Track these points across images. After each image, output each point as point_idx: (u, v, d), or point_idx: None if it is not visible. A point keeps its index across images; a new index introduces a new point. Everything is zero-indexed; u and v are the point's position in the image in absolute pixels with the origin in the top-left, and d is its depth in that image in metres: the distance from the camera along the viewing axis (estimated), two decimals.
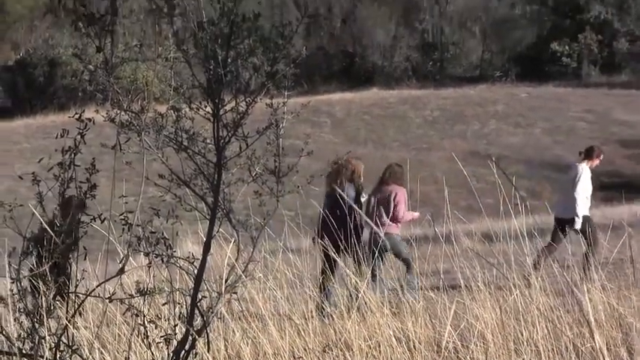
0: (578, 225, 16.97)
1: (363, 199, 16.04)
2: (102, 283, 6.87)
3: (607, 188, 39.34)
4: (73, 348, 6.51)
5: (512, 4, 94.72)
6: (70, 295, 6.62)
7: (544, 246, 16.57)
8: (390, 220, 15.99)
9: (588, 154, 17.64)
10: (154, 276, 7.19)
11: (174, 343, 6.45)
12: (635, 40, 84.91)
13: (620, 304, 9.52)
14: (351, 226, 14.61)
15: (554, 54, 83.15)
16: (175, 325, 6.63)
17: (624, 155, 56.19)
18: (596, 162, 17.73)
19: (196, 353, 6.51)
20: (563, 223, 17.38)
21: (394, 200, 16.02)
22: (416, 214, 16.48)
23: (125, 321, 7.35)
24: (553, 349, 8.27)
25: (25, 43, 75.58)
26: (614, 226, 16.91)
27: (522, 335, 8.50)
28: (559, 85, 77.50)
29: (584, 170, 17.39)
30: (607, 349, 8.18)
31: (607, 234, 14.77)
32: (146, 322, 6.65)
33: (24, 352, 6.29)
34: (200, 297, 6.51)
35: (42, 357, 6.18)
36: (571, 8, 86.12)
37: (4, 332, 6.55)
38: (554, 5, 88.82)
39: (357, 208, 15.07)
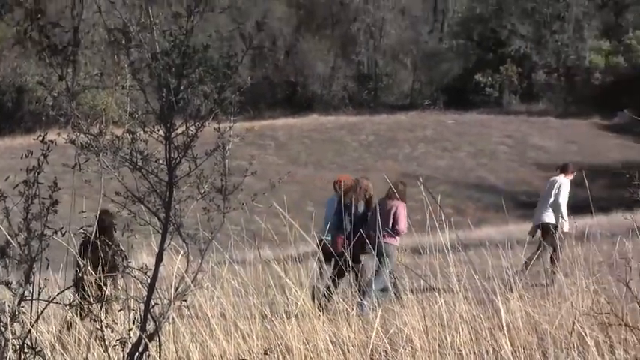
0: (566, 227, 17.89)
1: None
2: (63, 290, 6.87)
3: (525, 207, 39.70)
4: (37, 350, 6.51)
5: (440, 39, 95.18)
6: (34, 300, 6.62)
7: (551, 255, 17.47)
8: (392, 231, 16.59)
9: (564, 169, 18.62)
10: (111, 284, 7.20)
11: (129, 345, 6.46)
12: (551, 72, 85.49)
13: (535, 312, 9.60)
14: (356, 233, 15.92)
15: (478, 84, 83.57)
16: (130, 330, 6.63)
17: (540, 177, 56.49)
18: (570, 176, 18.66)
19: (149, 355, 6.52)
20: (547, 227, 18.24)
21: (395, 214, 16.62)
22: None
23: (84, 325, 7.34)
24: (474, 352, 8.34)
25: None
26: (531, 241, 17.03)
27: (447, 340, 8.55)
28: (482, 112, 77.88)
29: (564, 182, 18.27)
30: (523, 352, 8.26)
31: (524, 248, 14.86)
32: (103, 327, 6.66)
33: None
34: (153, 304, 6.52)
35: (6, 358, 6.18)
36: (493, 43, 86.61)
37: None
38: (478, 40, 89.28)
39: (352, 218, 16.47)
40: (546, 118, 76.44)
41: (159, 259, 6.67)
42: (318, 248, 15.57)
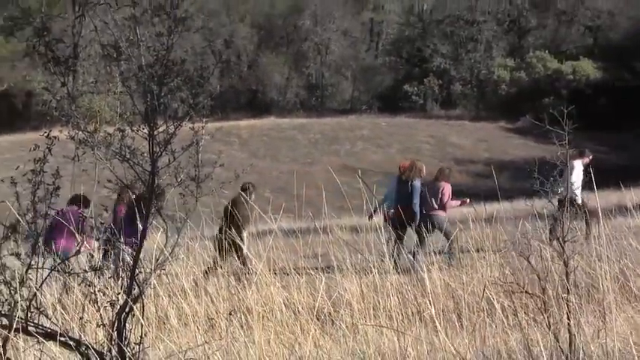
0: (579, 200, 18.01)
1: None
2: (63, 260, 6.83)
3: None
4: (41, 310, 6.47)
5: (375, 56, 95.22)
6: (39, 269, 6.57)
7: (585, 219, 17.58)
8: (439, 207, 17.37)
9: (581, 155, 18.81)
10: (103, 256, 7.17)
11: (118, 307, 6.43)
12: (466, 84, 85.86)
13: (452, 281, 9.63)
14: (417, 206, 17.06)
15: (406, 93, 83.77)
16: (118, 294, 6.60)
17: (457, 170, 56.70)
18: (586, 160, 18.96)
19: (134, 314, 6.49)
20: (563, 201, 18.21)
21: (442, 192, 17.46)
22: (458, 202, 18.13)
23: (80, 290, 7.30)
24: (402, 314, 8.35)
25: (8, 79, 75.23)
26: (450, 222, 17.07)
27: (379, 304, 8.55)
28: (409, 116, 78.03)
29: (577, 164, 18.44)
30: (442, 314, 8.28)
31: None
32: (96, 291, 6.62)
33: (2, 312, 6.23)
34: (137, 272, 6.49)
35: (17, 317, 6.13)
36: (419, 59, 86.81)
37: None
38: (406, 57, 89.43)
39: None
40: (462, 122, 76.73)
41: (142, 235, 6.63)
42: (384, 217, 17.37)
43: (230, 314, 8.26)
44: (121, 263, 6.94)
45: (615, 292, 9.09)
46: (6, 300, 6.34)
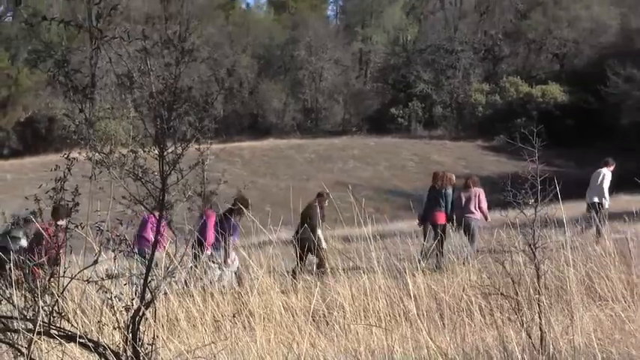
0: (606, 205, 18.77)
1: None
2: (82, 270, 6.83)
3: None
4: (62, 314, 6.47)
5: (364, 82, 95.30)
6: (60, 277, 6.57)
7: (595, 218, 17.92)
8: (476, 210, 17.52)
9: (606, 164, 19.30)
10: (118, 265, 7.17)
11: (132, 311, 6.43)
12: (446, 107, 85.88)
13: (434, 284, 9.63)
14: (449, 211, 17.58)
15: (393, 116, 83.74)
16: (132, 299, 6.60)
17: None
18: (612, 168, 19.36)
19: (146, 318, 6.49)
20: (594, 205, 18.97)
21: (478, 197, 17.61)
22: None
23: (98, 296, 7.30)
24: (389, 315, 8.35)
25: (33, 106, 75.39)
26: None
27: (369, 305, 8.57)
28: (395, 136, 78.01)
29: (606, 172, 19.02)
30: (426, 315, 8.29)
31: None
32: (112, 297, 6.63)
33: (28, 317, 6.23)
34: (150, 279, 6.49)
35: (39, 321, 6.14)
36: (404, 85, 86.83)
37: (14, 304, 6.49)
38: (392, 83, 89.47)
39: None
40: (443, 141, 76.78)
41: (154, 245, 6.64)
42: (420, 221, 18.31)
43: (234, 316, 8.27)
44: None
45: (582, 293, 9.12)
46: (31, 306, 6.35)
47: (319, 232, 16.59)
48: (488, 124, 76.75)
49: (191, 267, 10.71)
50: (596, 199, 18.88)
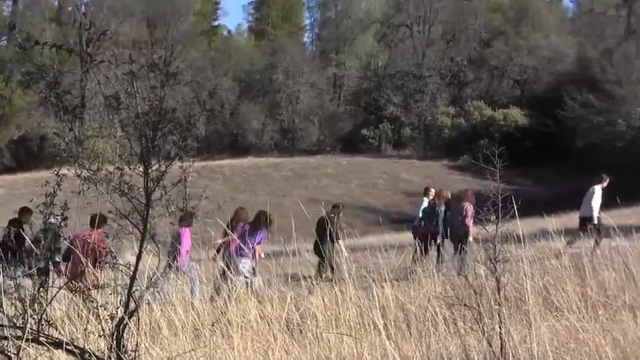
0: (595, 220, 18.38)
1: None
2: (70, 280, 6.80)
3: (396, 222, 39.94)
4: (50, 322, 6.43)
5: (337, 105, 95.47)
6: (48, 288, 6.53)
7: (588, 232, 17.92)
8: (462, 223, 17.26)
9: (600, 180, 19.02)
10: (104, 276, 7.15)
11: (117, 319, 6.40)
12: (415, 128, 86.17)
13: (402, 296, 9.64)
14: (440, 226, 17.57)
15: (364, 137, 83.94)
16: (117, 308, 6.57)
17: (408, 202, 56.91)
18: (604, 184, 19.08)
19: (130, 326, 6.46)
20: (585, 220, 18.77)
21: (466, 211, 17.33)
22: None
23: (85, 306, 7.26)
24: (359, 324, 8.35)
25: (25, 125, 75.24)
26: (400, 245, 17.09)
27: (340, 315, 8.56)
28: (367, 156, 78.23)
29: (597, 189, 18.75)
30: (394, 324, 8.30)
31: (394, 250, 14.90)
32: (98, 306, 6.59)
33: (18, 325, 6.19)
34: (133, 290, 6.46)
35: (28, 328, 6.10)
36: (375, 108, 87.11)
37: (4, 312, 6.44)
38: (364, 106, 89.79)
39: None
40: (411, 160, 77.06)
41: (138, 258, 6.61)
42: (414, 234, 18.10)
43: (213, 325, 8.24)
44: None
45: (539, 304, 9.15)
46: (20, 314, 6.31)
47: (340, 242, 17.02)
48: (453, 145, 77.15)
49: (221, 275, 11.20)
50: (587, 214, 19.01)
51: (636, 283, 9.56)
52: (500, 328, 7.12)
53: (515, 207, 7.98)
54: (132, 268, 6.58)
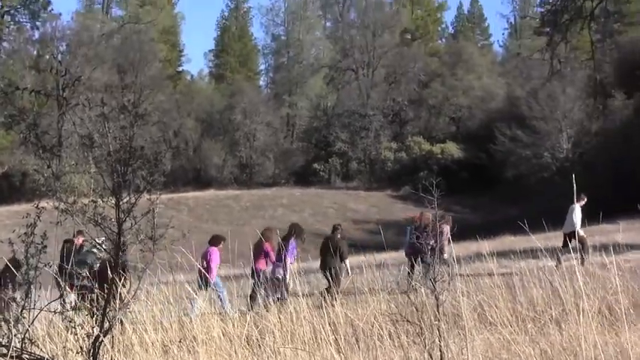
0: (581, 232, 18.72)
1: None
2: (50, 302, 6.77)
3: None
4: (32, 340, 6.39)
5: (291, 142, 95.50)
6: (30, 310, 6.50)
7: (561, 248, 18.29)
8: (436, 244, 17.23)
9: (578, 199, 18.76)
10: (81, 299, 7.11)
11: (93, 337, 6.38)
12: (360, 162, 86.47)
13: (351, 313, 9.67)
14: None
15: (315, 170, 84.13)
16: (93, 327, 6.55)
17: (355, 228, 57.10)
18: (582, 202, 19.17)
19: (104, 344, 6.44)
20: (568, 235, 18.92)
21: (441, 232, 16.74)
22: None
23: (64, 325, 7.21)
24: (313, 339, 8.37)
25: (8, 162, 74.48)
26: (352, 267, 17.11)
27: (295, 331, 8.57)
28: (318, 188, 78.38)
29: (577, 207, 18.84)
30: (344, 339, 8.33)
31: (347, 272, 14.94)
32: (76, 326, 6.57)
33: (3, 343, 6.15)
34: (108, 310, 6.45)
35: (12, 346, 6.06)
36: (325, 144, 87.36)
37: None
38: (315, 142, 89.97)
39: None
40: (358, 191, 77.32)
41: (112, 281, 6.60)
42: (406, 255, 17.52)
43: (180, 341, 8.22)
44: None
45: (474, 319, 9.23)
46: (5, 334, 6.27)
47: (347, 261, 17.21)
48: (396, 177, 77.67)
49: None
50: (570, 229, 19.19)
51: (561, 299, 9.68)
52: (439, 341, 7.19)
53: (450, 234, 8.09)
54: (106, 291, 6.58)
